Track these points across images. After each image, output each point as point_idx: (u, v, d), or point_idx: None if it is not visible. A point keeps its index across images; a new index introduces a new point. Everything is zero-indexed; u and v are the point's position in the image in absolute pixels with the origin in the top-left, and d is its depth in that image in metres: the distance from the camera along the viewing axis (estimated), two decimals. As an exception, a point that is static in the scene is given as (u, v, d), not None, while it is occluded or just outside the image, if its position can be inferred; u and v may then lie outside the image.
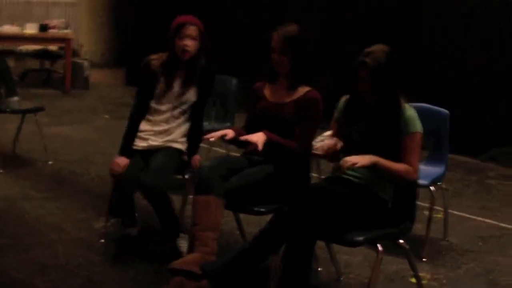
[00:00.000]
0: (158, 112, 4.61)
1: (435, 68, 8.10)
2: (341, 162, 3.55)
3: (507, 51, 7.56)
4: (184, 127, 4.63)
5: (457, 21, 7.96)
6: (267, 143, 3.94)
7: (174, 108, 4.59)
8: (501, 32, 7.61)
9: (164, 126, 4.59)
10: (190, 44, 4.49)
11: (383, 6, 8.69)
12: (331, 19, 9.32)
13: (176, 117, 4.60)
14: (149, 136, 4.59)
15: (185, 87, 4.57)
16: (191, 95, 4.59)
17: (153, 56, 4.66)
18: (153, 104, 4.61)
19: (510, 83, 7.53)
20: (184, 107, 4.60)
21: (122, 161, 4.44)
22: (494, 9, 7.65)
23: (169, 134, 4.58)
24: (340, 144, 3.74)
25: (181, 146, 4.60)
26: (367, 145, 3.66)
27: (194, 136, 4.64)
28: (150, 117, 4.63)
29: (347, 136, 3.78)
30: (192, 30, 4.50)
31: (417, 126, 3.66)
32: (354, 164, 3.49)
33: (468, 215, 5.79)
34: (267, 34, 4.24)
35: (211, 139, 4.09)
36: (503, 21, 7.58)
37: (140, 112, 4.65)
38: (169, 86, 4.57)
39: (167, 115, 4.59)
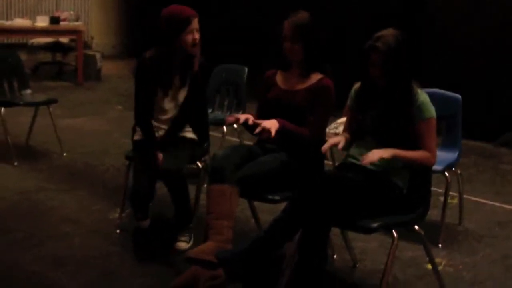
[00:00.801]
0: (163, 111, 4.60)
1: (447, 53, 8.06)
2: (361, 158, 3.55)
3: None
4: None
5: (468, 4, 7.90)
6: (280, 131, 3.92)
7: (177, 106, 4.59)
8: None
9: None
10: (198, 38, 4.48)
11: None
12: (339, 8, 9.30)
13: None
14: (160, 128, 4.60)
15: (185, 81, 4.55)
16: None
17: (148, 53, 4.61)
18: (156, 103, 4.59)
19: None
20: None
21: (159, 156, 4.41)
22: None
23: None
24: (342, 143, 3.72)
25: (193, 135, 4.60)
26: (380, 131, 3.65)
27: (200, 127, 4.64)
28: (156, 116, 4.62)
29: (360, 123, 3.76)
30: (196, 22, 4.48)
31: (431, 111, 3.64)
32: (375, 161, 3.49)
33: (483, 201, 5.77)
34: (278, 22, 4.23)
35: (233, 122, 4.06)
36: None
37: (147, 112, 4.59)
38: (170, 83, 4.55)
39: (172, 113, 4.59)
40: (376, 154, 3.51)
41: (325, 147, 3.73)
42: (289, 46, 4.15)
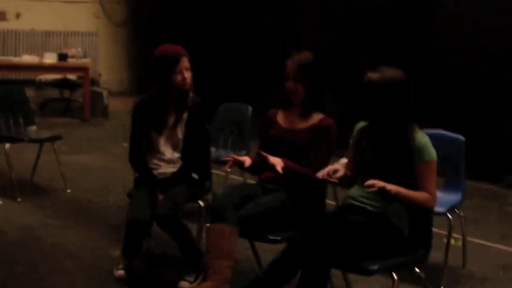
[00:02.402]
0: (159, 152, 4.61)
1: (452, 93, 8.07)
2: (368, 182, 3.53)
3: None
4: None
5: (470, 47, 7.93)
6: (285, 170, 3.93)
7: (175, 148, 4.60)
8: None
9: (171, 163, 4.60)
10: (188, 76, 4.51)
11: (395, 32, 8.71)
12: (342, 45, 9.36)
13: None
14: (160, 166, 4.61)
15: (179, 120, 4.57)
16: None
17: (144, 97, 4.67)
18: (153, 144, 4.60)
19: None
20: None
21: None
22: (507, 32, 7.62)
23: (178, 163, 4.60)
24: (342, 172, 3.70)
25: (194, 174, 4.61)
26: (380, 171, 3.64)
27: (201, 166, 4.66)
28: (154, 156, 4.63)
29: (361, 163, 3.76)
30: (186, 61, 4.52)
31: (432, 153, 3.63)
32: (384, 187, 3.47)
33: (488, 243, 5.72)
34: (281, 61, 4.25)
35: (228, 163, 4.09)
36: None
37: (140, 153, 4.63)
38: (164, 122, 4.57)
39: (169, 154, 4.60)
40: (382, 182, 3.49)
41: (323, 173, 3.70)
42: (291, 85, 4.16)
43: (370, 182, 3.48)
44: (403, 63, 4.25)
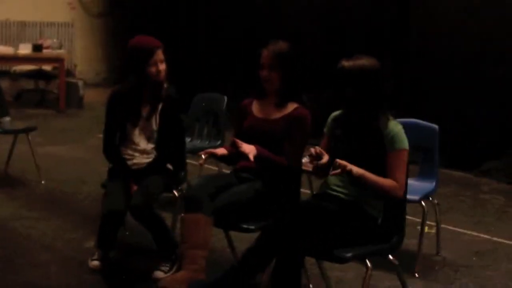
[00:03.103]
0: (134, 143, 4.59)
1: (427, 83, 8.11)
2: (335, 162, 3.52)
3: (499, 63, 7.56)
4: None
5: (447, 34, 7.97)
6: (257, 158, 3.93)
7: (149, 139, 4.59)
8: (493, 44, 7.62)
9: (145, 154, 4.59)
10: (163, 69, 4.50)
11: (372, 20, 8.74)
12: (324, 38, 9.37)
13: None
14: (134, 156, 4.60)
15: (153, 112, 4.56)
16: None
17: (117, 88, 4.65)
18: (127, 135, 4.59)
19: (503, 97, 7.53)
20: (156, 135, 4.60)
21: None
22: (487, 21, 7.66)
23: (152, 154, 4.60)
24: (326, 157, 3.69)
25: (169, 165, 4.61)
26: (354, 160, 3.64)
27: (175, 157, 4.65)
28: (128, 146, 4.61)
29: (334, 152, 3.76)
30: (161, 53, 4.50)
31: (403, 142, 3.64)
32: (346, 167, 3.47)
33: (462, 230, 5.77)
34: (257, 51, 4.24)
35: (203, 157, 4.10)
36: (496, 34, 7.59)
37: (113, 144, 4.61)
38: (138, 114, 4.55)
39: (143, 145, 4.59)
40: (348, 165, 3.49)
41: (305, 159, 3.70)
42: (266, 74, 4.16)
43: (337, 162, 3.47)
44: (377, 51, 4.28)
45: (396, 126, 3.65)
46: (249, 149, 3.91)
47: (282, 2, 10.11)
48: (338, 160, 3.48)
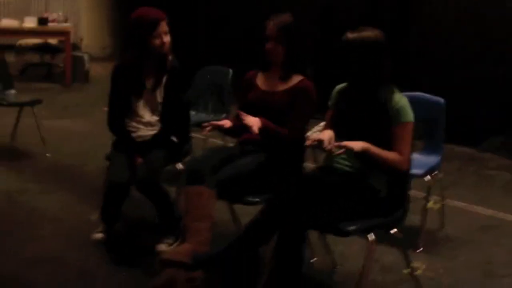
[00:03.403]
0: (138, 115, 4.58)
1: (432, 57, 8.06)
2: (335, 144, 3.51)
3: (504, 38, 7.51)
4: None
5: (452, 8, 7.91)
6: (262, 130, 3.92)
7: (154, 111, 4.58)
8: (498, 18, 7.56)
9: (150, 126, 4.59)
10: (167, 40, 4.47)
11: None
12: (323, 9, 9.32)
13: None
14: (138, 128, 4.59)
15: (158, 84, 4.54)
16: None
17: (122, 60, 4.63)
18: (131, 108, 4.57)
19: (509, 72, 7.49)
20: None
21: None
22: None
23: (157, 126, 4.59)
24: (327, 138, 3.66)
25: (173, 137, 4.59)
26: (359, 133, 3.63)
27: (180, 129, 4.64)
28: (133, 118, 4.60)
29: (340, 124, 3.75)
30: (165, 25, 4.47)
31: (409, 115, 3.62)
32: (345, 146, 3.46)
33: (466, 206, 5.76)
34: (262, 23, 4.22)
35: (207, 129, 4.09)
36: (500, 6, 7.53)
37: (118, 116, 4.60)
38: (142, 86, 4.54)
39: (148, 117, 4.58)
40: (347, 144, 3.48)
41: (308, 142, 3.67)
42: (271, 46, 4.15)
43: (337, 144, 3.47)
44: (384, 24, 4.25)
45: (401, 99, 3.63)
46: (253, 121, 3.90)
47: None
48: (340, 143, 3.47)
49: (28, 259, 4.29)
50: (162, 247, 4.38)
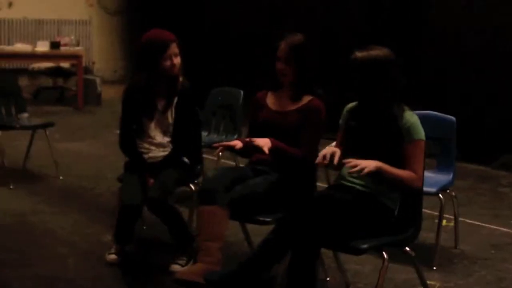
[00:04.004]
0: (150, 137, 4.60)
1: (444, 75, 8.06)
2: (347, 164, 3.50)
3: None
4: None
5: (462, 27, 7.92)
6: (273, 150, 3.93)
7: (165, 132, 4.60)
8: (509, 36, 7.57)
9: (162, 147, 4.60)
10: (177, 62, 4.50)
11: (388, 14, 8.72)
12: (329, 28, 9.36)
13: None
14: (150, 150, 4.60)
15: (169, 105, 4.56)
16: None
17: (134, 82, 4.65)
18: (143, 129, 4.59)
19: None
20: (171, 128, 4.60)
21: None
22: (499, 9, 7.60)
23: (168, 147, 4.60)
24: (338, 156, 3.65)
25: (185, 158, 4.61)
26: (370, 151, 3.62)
27: (191, 150, 4.65)
28: (144, 140, 4.62)
29: (351, 142, 3.75)
30: (175, 47, 4.49)
31: (420, 133, 3.61)
32: (361, 169, 3.44)
33: (480, 223, 5.73)
34: (274, 43, 4.23)
35: (218, 150, 4.11)
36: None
37: (130, 138, 4.61)
38: (153, 107, 4.56)
39: (159, 139, 4.59)
40: (361, 163, 3.46)
41: (319, 158, 3.65)
42: (282, 66, 4.16)
43: (351, 163, 3.45)
44: (395, 43, 4.26)
45: (412, 117, 3.63)
46: (264, 142, 3.91)
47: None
48: (353, 162, 3.45)
49: (41, 279, 4.29)
50: (176, 267, 4.37)
